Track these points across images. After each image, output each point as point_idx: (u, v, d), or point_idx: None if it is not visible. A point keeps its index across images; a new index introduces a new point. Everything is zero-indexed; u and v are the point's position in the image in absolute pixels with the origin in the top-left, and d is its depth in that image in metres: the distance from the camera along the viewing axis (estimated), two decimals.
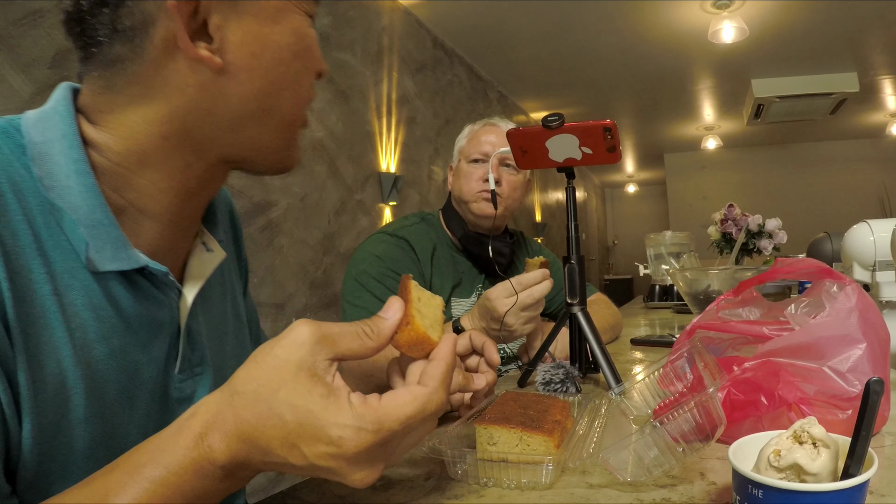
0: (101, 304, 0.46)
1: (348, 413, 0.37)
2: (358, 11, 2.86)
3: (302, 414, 0.37)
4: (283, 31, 0.49)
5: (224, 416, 0.38)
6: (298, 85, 0.52)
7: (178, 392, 0.53)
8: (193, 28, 0.45)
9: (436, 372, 0.42)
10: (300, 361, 0.38)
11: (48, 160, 0.45)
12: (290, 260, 2.35)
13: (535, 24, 3.61)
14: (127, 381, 0.48)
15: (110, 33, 0.44)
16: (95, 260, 0.45)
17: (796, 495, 0.38)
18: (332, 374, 0.39)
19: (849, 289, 0.60)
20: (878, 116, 6.13)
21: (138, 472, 0.37)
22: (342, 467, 0.38)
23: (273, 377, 0.38)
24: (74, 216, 0.44)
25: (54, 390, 0.43)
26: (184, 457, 0.38)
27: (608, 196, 10.78)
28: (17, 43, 1.40)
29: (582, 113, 5.54)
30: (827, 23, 3.70)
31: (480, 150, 1.33)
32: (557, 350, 1.05)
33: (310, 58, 0.52)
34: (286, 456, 0.37)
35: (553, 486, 0.53)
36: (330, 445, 0.37)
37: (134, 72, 0.45)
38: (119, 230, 0.46)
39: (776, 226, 2.14)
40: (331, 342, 0.39)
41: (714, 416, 0.51)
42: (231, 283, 0.67)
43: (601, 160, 0.86)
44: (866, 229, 1.11)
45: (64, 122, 0.46)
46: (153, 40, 0.44)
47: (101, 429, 0.46)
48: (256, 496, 0.63)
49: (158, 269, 0.48)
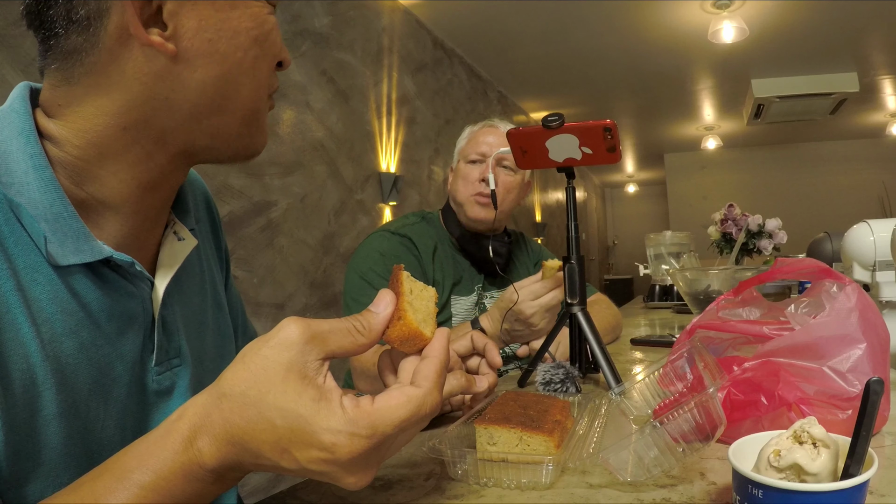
0: (66, 298, 0.45)
1: (341, 418, 0.36)
2: (358, 11, 2.86)
3: (292, 419, 0.36)
4: (240, 17, 0.48)
5: (212, 420, 0.37)
6: (257, 70, 0.51)
7: (157, 384, 0.52)
8: (147, 14, 0.44)
9: (429, 371, 0.41)
10: (290, 363, 0.37)
11: (6, 157, 0.44)
12: (290, 260, 2.35)
13: (535, 24, 3.61)
14: (99, 374, 0.47)
15: (66, 24, 0.44)
16: (56, 254, 0.44)
17: (796, 495, 0.38)
18: (323, 375, 0.38)
19: (849, 289, 0.60)
20: (878, 116, 6.14)
21: (127, 477, 0.37)
22: (335, 472, 0.37)
23: (261, 379, 0.37)
24: (34, 211, 0.44)
25: (23, 387, 0.42)
26: (173, 461, 0.37)
27: (608, 196, 10.78)
28: (17, 43, 1.40)
29: (582, 113, 5.54)
30: (827, 23, 3.70)
31: (478, 150, 1.34)
32: (557, 350, 1.05)
33: (269, 44, 0.51)
34: (277, 460, 0.37)
35: (553, 486, 0.53)
36: (323, 451, 0.36)
37: (90, 62, 0.45)
38: (80, 222, 0.45)
39: (776, 226, 2.14)
40: (321, 341, 0.39)
41: (714, 416, 0.51)
42: (210, 272, 0.65)
43: (601, 160, 0.86)
44: (866, 229, 1.11)
45: (20, 119, 0.46)
46: (107, 29, 0.44)
47: (75, 425, 0.45)
48: (256, 496, 0.63)
49: (123, 260, 0.48)
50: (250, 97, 0.51)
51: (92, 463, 0.40)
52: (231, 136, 0.52)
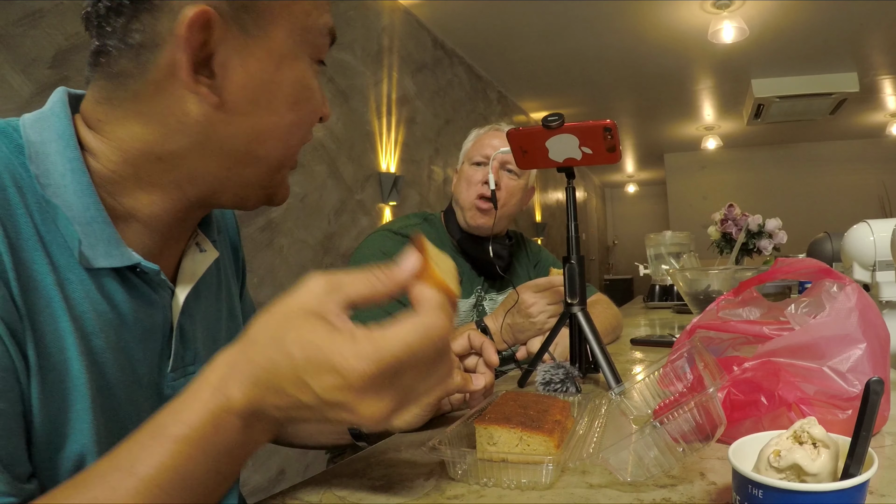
0: (97, 299, 0.47)
1: (350, 343, 0.37)
2: (358, 11, 2.86)
3: (309, 348, 0.37)
4: (285, 79, 0.49)
5: (238, 365, 0.39)
6: (290, 135, 0.52)
7: (171, 391, 0.54)
8: (199, 59, 0.45)
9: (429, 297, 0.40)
10: (310, 307, 0.38)
11: (45, 159, 0.46)
12: (290, 260, 2.35)
13: (535, 24, 3.61)
14: (124, 376, 0.49)
15: (119, 45, 0.45)
16: (89, 256, 0.46)
17: (796, 495, 0.38)
18: (341, 318, 0.39)
19: (849, 289, 0.60)
20: (878, 116, 6.13)
21: (161, 432, 0.38)
22: (350, 400, 0.37)
23: (283, 322, 0.38)
24: (69, 213, 0.45)
25: (59, 377, 0.44)
26: (203, 410, 0.38)
27: (608, 196, 10.78)
28: (17, 43, 1.40)
29: (582, 113, 5.54)
30: (827, 23, 3.70)
31: (482, 152, 1.35)
32: (557, 350, 1.05)
33: (309, 106, 0.52)
34: (297, 394, 0.37)
35: (553, 486, 0.53)
36: (334, 375, 0.36)
37: (135, 89, 0.46)
38: (112, 228, 0.47)
39: (776, 226, 2.14)
40: (339, 287, 0.39)
41: (714, 416, 0.51)
42: (227, 282, 0.67)
43: (601, 160, 0.86)
44: (866, 229, 1.11)
45: (61, 123, 0.47)
46: (158, 62, 0.45)
47: (104, 422, 0.47)
48: (256, 496, 0.63)
49: (150, 268, 0.49)
50: (280, 155, 0.52)
51: None
52: (255, 188, 0.53)
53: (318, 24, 0.51)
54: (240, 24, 0.46)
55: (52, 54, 1.48)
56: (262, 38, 0.47)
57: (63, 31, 1.50)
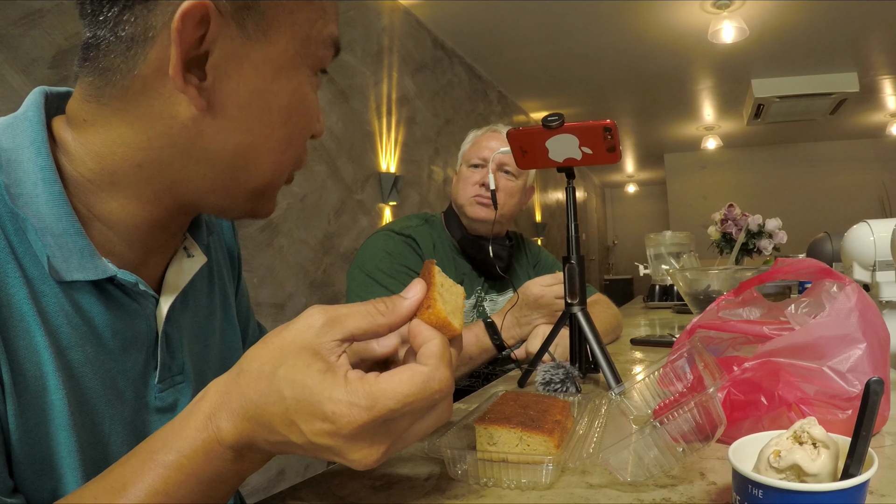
0: (70, 313, 0.45)
1: (343, 388, 0.36)
2: (358, 11, 2.86)
3: (299, 390, 0.36)
4: (280, 91, 0.46)
5: (230, 396, 0.38)
6: (282, 151, 0.49)
7: (159, 401, 0.52)
8: (191, 57, 0.42)
9: (433, 349, 0.40)
10: (306, 342, 0.38)
11: (17, 167, 0.43)
12: (290, 260, 2.35)
13: (535, 24, 3.61)
14: (104, 389, 0.47)
15: (110, 37, 0.42)
16: (60, 269, 0.43)
17: (796, 495, 0.38)
18: (336, 354, 0.38)
19: (849, 289, 0.60)
20: (878, 116, 6.13)
21: (153, 458, 0.38)
22: (340, 446, 0.37)
23: (276, 355, 0.38)
24: (40, 225, 0.43)
25: (36, 392, 0.42)
26: (194, 439, 0.38)
27: (608, 196, 10.78)
28: (17, 43, 1.40)
29: (582, 113, 5.54)
30: (827, 23, 3.70)
31: (480, 154, 1.36)
32: (557, 350, 1.05)
33: (302, 123, 0.50)
34: (287, 434, 0.37)
35: (553, 486, 0.53)
36: (325, 422, 0.36)
37: (123, 85, 0.43)
38: (86, 239, 0.44)
39: (776, 226, 2.14)
40: (338, 322, 0.39)
41: (714, 416, 0.51)
42: (222, 284, 0.65)
43: (601, 160, 0.86)
44: (866, 229, 1.11)
45: (33, 129, 0.44)
46: (147, 57, 0.42)
47: (84, 436, 0.45)
48: (256, 496, 0.63)
49: (127, 280, 0.47)
50: (269, 171, 0.49)
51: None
52: (239, 200, 0.50)
53: (322, 35, 0.48)
54: (240, 24, 0.43)
55: (52, 54, 1.48)
56: (262, 42, 0.44)
57: (63, 31, 1.50)
